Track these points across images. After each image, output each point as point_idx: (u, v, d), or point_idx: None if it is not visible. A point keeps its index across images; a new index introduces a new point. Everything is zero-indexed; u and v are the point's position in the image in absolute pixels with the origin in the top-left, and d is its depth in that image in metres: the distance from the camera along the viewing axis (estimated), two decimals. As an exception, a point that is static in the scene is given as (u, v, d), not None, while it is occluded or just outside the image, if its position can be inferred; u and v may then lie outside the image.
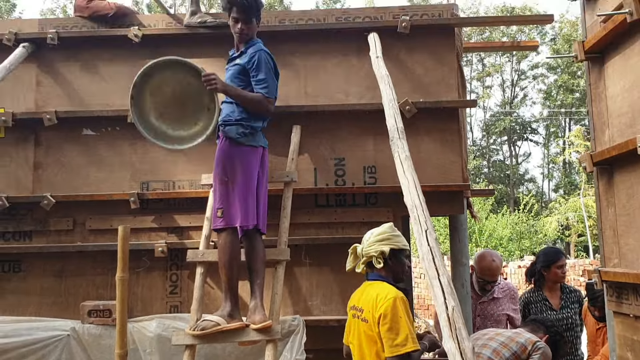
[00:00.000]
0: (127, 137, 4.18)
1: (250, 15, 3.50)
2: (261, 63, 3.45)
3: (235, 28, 3.53)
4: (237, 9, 3.48)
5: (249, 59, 3.47)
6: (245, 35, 3.54)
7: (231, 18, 3.54)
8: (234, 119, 3.45)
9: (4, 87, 4.07)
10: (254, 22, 3.54)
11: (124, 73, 4.24)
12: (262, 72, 3.45)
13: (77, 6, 4.36)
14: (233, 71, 3.54)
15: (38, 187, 4.12)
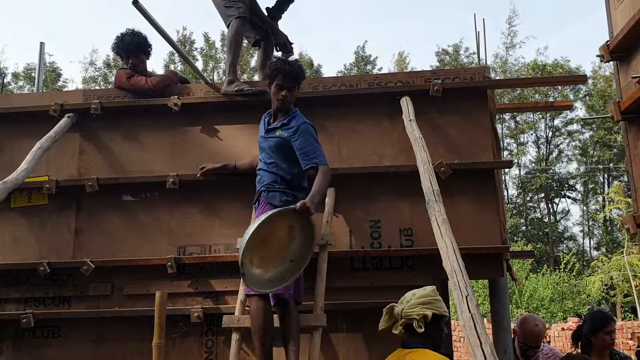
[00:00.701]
0: (165, 202, 4.26)
1: (295, 83, 3.55)
2: (308, 135, 3.48)
3: (279, 95, 3.55)
4: (283, 76, 3.51)
5: (293, 132, 3.48)
6: (288, 102, 3.58)
7: (275, 85, 3.56)
8: (277, 187, 3.47)
9: (49, 155, 4.22)
10: (295, 90, 3.60)
11: (163, 140, 4.38)
12: (312, 143, 3.47)
13: (117, 82, 4.53)
14: (274, 143, 3.54)
15: (79, 252, 4.20)
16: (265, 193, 3.49)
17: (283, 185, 3.46)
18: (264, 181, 3.52)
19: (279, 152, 3.52)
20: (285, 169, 3.49)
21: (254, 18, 4.55)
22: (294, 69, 3.51)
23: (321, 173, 3.39)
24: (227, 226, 4.14)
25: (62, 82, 26.10)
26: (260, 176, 3.57)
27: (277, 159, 3.52)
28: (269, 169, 3.54)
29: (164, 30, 4.05)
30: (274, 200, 3.43)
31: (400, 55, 28.81)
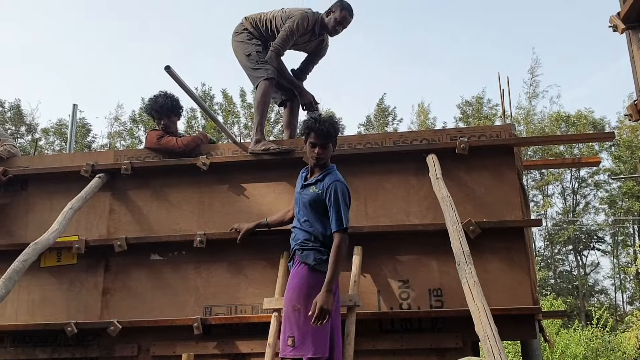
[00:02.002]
0: (192, 261, 4.27)
1: (328, 140, 3.55)
2: (337, 195, 3.45)
3: (312, 153, 3.56)
4: (315, 134, 3.53)
5: (325, 189, 3.48)
6: (322, 159, 3.56)
7: (308, 143, 3.58)
8: (311, 245, 3.44)
9: (79, 215, 4.29)
10: (330, 147, 3.59)
11: (191, 199, 4.43)
12: (338, 204, 3.43)
13: (148, 143, 4.63)
14: (308, 198, 3.54)
15: (106, 312, 4.20)
16: (299, 252, 3.47)
17: (317, 243, 3.44)
18: (298, 239, 3.51)
19: (313, 208, 3.51)
20: (319, 227, 3.47)
21: (280, 79, 4.65)
22: (325, 127, 3.52)
23: (335, 247, 3.35)
24: (253, 285, 4.12)
25: (91, 138, 26.74)
26: (295, 234, 3.56)
27: (311, 216, 3.51)
28: (302, 226, 3.53)
29: (195, 94, 4.16)
30: (308, 260, 3.41)
31: (420, 106, 29.03)
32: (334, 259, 3.32)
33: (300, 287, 3.35)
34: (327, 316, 3.19)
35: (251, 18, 4.76)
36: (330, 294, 3.23)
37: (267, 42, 4.68)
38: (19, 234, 4.48)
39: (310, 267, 3.37)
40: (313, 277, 3.36)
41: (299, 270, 3.41)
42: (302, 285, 3.35)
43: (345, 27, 4.64)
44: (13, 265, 3.51)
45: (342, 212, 3.43)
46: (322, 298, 3.21)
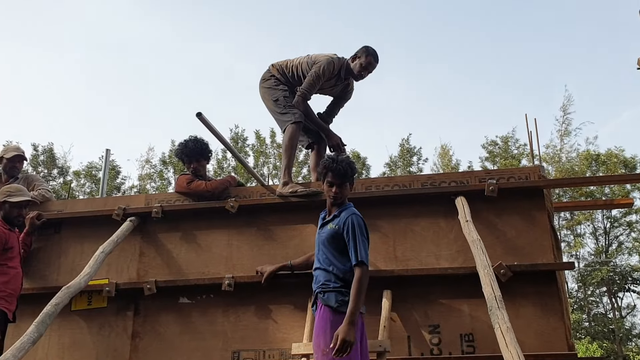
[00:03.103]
0: (220, 305, 4.27)
1: (345, 180, 3.58)
2: (354, 228, 3.45)
3: (330, 192, 3.59)
4: (332, 174, 3.56)
5: (342, 224, 3.49)
6: (339, 199, 3.59)
7: (326, 182, 3.62)
8: (332, 287, 3.42)
9: (110, 258, 4.34)
10: (347, 186, 3.62)
11: (219, 241, 4.46)
12: (356, 238, 3.42)
13: (178, 187, 4.71)
14: (326, 235, 3.55)
15: (134, 356, 4.20)
16: (321, 295, 3.45)
17: (338, 283, 3.41)
18: (320, 281, 3.49)
19: (332, 245, 3.50)
20: (339, 265, 3.45)
21: (307, 123, 4.72)
22: (342, 166, 3.55)
23: (356, 281, 3.32)
24: (281, 330, 4.09)
25: (120, 179, 27.21)
26: (316, 276, 3.55)
27: (330, 254, 3.49)
28: (322, 265, 3.52)
29: (225, 139, 4.25)
30: (330, 302, 3.38)
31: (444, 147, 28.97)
32: (355, 291, 3.29)
33: (326, 331, 3.31)
34: (348, 349, 3.14)
35: (278, 65, 4.88)
36: (352, 326, 3.19)
37: (294, 88, 4.77)
38: (52, 278, 4.55)
39: (333, 309, 3.34)
40: (337, 319, 3.32)
41: (322, 314, 3.39)
42: (327, 328, 3.32)
43: (370, 72, 4.71)
44: (45, 309, 3.56)
45: (360, 244, 3.41)
46: (343, 330, 3.17)
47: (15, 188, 4.40)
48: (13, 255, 4.16)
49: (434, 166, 27.71)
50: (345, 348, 3.13)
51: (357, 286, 3.30)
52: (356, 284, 3.31)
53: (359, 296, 3.28)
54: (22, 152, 5.28)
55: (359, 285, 3.30)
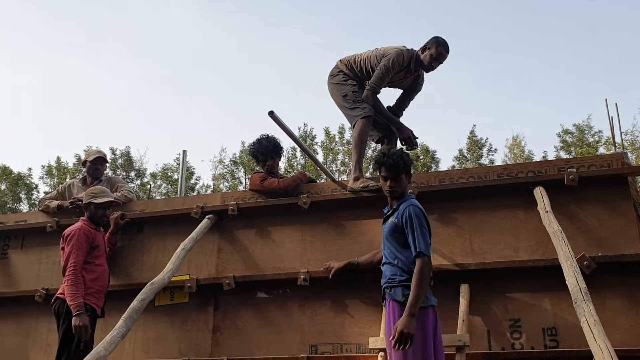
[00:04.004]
0: (297, 299, 4.33)
1: (399, 173, 3.54)
2: (412, 219, 3.42)
3: (385, 186, 3.59)
4: (385, 168, 3.56)
5: (401, 216, 3.47)
6: (395, 192, 3.57)
7: (381, 177, 3.63)
8: (398, 280, 3.41)
9: (190, 255, 4.48)
10: (403, 179, 3.58)
11: (293, 237, 4.52)
12: (414, 228, 3.38)
13: (252, 185, 4.81)
14: (388, 229, 3.55)
15: (216, 350, 4.33)
16: (388, 290, 3.44)
17: (403, 277, 3.39)
18: (386, 276, 3.49)
19: (394, 238, 3.49)
20: (403, 258, 3.43)
21: (377, 117, 4.70)
22: (393, 159, 3.53)
23: (416, 272, 3.27)
24: (358, 324, 4.11)
25: (194, 180, 28.04)
26: (383, 271, 3.54)
27: (394, 248, 3.48)
28: (387, 260, 3.52)
29: (296, 137, 4.30)
30: (396, 297, 3.37)
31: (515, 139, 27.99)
32: (415, 283, 3.25)
33: (395, 323, 3.30)
34: (408, 341, 3.11)
35: (345, 60, 4.88)
36: (412, 318, 3.16)
37: (363, 82, 4.76)
38: (136, 275, 4.75)
39: (400, 303, 3.32)
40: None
41: (390, 309, 3.38)
42: (395, 319, 3.29)
43: (441, 62, 4.63)
44: (132, 304, 3.72)
45: (419, 235, 3.37)
46: (402, 322, 3.15)
47: (99, 190, 4.62)
48: (99, 253, 4.37)
49: (505, 158, 26.90)
50: (404, 340, 3.10)
51: (417, 277, 3.27)
52: (416, 275, 3.28)
53: (420, 288, 3.25)
54: (104, 154, 5.55)
55: (420, 277, 3.27)
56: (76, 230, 4.27)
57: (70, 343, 4.00)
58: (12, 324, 4.97)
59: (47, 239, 5.07)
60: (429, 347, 3.23)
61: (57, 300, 4.21)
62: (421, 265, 3.29)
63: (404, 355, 3.19)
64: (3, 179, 28.67)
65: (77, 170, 25.90)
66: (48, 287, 4.81)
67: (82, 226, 4.33)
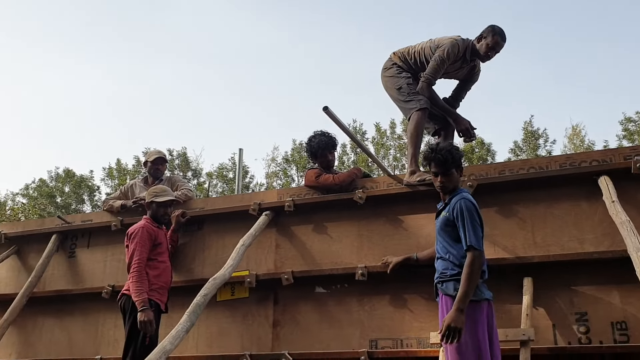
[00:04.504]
0: (355, 294, 4.33)
1: (448, 167, 3.52)
2: (463, 212, 3.38)
3: (437, 182, 3.58)
4: (434, 164, 3.55)
5: (452, 209, 3.44)
6: (447, 187, 3.56)
7: (431, 173, 3.63)
8: (449, 274, 3.37)
9: (249, 251, 4.55)
10: (453, 173, 3.55)
11: (350, 232, 4.51)
12: (465, 222, 3.35)
13: (307, 182, 4.83)
14: (440, 223, 3.53)
15: (276, 344, 4.38)
16: (440, 285, 3.42)
17: (454, 271, 3.35)
18: (438, 271, 3.47)
19: (446, 232, 3.47)
20: (454, 253, 3.40)
21: (433, 109, 4.63)
22: (442, 155, 3.50)
23: (466, 266, 3.23)
24: (418, 319, 4.07)
25: (248, 179, 28.45)
26: (436, 266, 3.52)
27: (446, 242, 3.46)
28: (439, 255, 3.50)
29: (351, 132, 4.29)
30: (448, 291, 3.34)
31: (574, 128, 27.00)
32: (465, 277, 3.22)
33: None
34: (457, 335, 3.08)
35: (399, 52, 4.83)
36: (460, 312, 3.13)
37: (417, 74, 4.70)
38: (197, 271, 4.86)
39: (452, 297, 3.28)
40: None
41: (443, 304, 3.35)
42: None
43: (497, 52, 4.52)
44: (196, 300, 3.80)
45: (470, 229, 3.32)
46: (450, 316, 3.13)
47: (160, 189, 4.75)
48: (162, 250, 4.49)
49: (565, 148, 26.05)
50: (452, 334, 3.09)
51: (467, 271, 3.23)
52: (466, 269, 3.24)
53: (469, 282, 3.21)
54: (164, 154, 5.69)
55: (470, 270, 3.23)
56: (139, 229, 4.40)
57: (136, 338, 4.13)
58: (81, 320, 5.18)
59: (112, 238, 5.25)
60: (483, 342, 3.18)
61: (122, 297, 4.35)
62: (472, 259, 3.25)
63: (458, 351, 3.16)
64: (67, 181, 29.87)
65: (136, 171, 26.70)
66: (114, 284, 4.98)
67: (145, 224, 4.46)
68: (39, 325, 5.32)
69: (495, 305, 3.79)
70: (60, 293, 5.28)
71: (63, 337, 5.19)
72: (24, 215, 21.40)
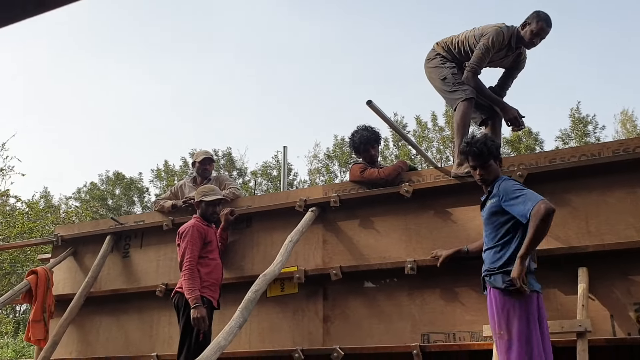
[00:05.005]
0: (405, 288, 4.30)
1: (486, 160, 3.51)
2: (507, 189, 3.35)
3: (476, 175, 3.59)
4: (471, 157, 3.56)
5: (498, 193, 3.40)
6: (487, 179, 3.54)
7: (470, 167, 3.64)
8: (497, 267, 3.31)
9: (297, 247, 4.58)
10: (491, 164, 3.53)
11: (396, 226, 4.49)
12: (516, 195, 3.28)
13: (352, 176, 4.83)
14: (487, 213, 3.49)
15: (327, 339, 4.40)
16: (487, 278, 3.36)
17: (502, 261, 3.30)
18: (486, 264, 3.43)
19: (493, 222, 3.42)
20: (502, 242, 3.34)
21: (479, 98, 4.56)
22: (477, 147, 3.51)
23: (531, 221, 3.16)
24: (470, 312, 4.02)
25: (292, 176, 28.65)
26: (484, 259, 3.47)
27: (493, 232, 3.41)
28: (487, 246, 3.45)
29: (395, 124, 4.26)
30: (497, 284, 3.28)
31: (624, 113, 26.03)
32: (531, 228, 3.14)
33: (498, 314, 3.23)
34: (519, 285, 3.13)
35: (442, 42, 4.77)
36: (521, 267, 3.14)
37: (462, 64, 4.63)
38: (247, 267, 4.93)
39: (501, 290, 3.24)
40: (507, 300, 3.22)
41: (492, 297, 3.30)
42: (499, 311, 3.23)
43: (543, 38, 4.41)
44: (247, 296, 3.86)
45: (522, 197, 3.25)
46: (513, 270, 3.17)
47: (209, 188, 4.83)
48: (212, 248, 4.57)
49: (616, 134, 25.20)
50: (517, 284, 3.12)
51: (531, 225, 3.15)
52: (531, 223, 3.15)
53: (531, 238, 3.15)
54: (211, 154, 5.79)
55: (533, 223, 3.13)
56: (190, 227, 4.49)
57: (190, 334, 4.21)
58: (136, 318, 5.32)
59: (164, 237, 5.37)
60: (534, 334, 3.12)
61: (176, 294, 4.44)
62: (537, 207, 3.15)
63: (509, 342, 3.12)
64: (117, 184, 30.70)
65: (183, 172, 27.24)
66: (167, 282, 5.09)
67: (195, 223, 4.54)
68: (96, 324, 5.50)
69: (549, 296, 3.73)
70: (116, 292, 5.44)
71: (120, 335, 5.35)
72: (77, 217, 22.11)
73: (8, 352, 14.32)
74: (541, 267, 3.66)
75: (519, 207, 3.25)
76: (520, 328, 3.13)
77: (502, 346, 3.17)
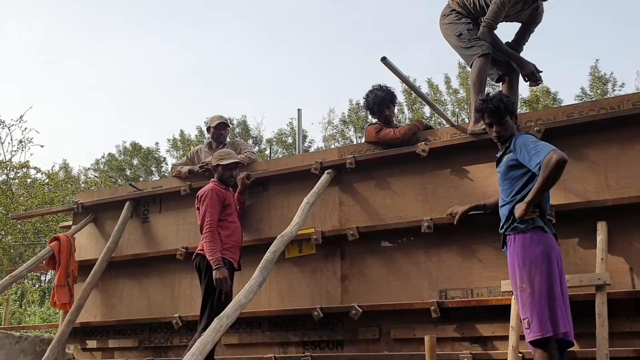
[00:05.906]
0: (421, 246, 4.32)
1: (502, 116, 3.49)
2: (522, 142, 3.35)
3: (492, 133, 3.58)
4: (487, 114, 3.54)
5: (514, 148, 3.40)
6: (503, 136, 3.54)
7: (486, 125, 3.62)
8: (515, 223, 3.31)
9: (313, 209, 4.60)
10: (507, 121, 3.52)
11: (414, 185, 4.49)
12: (529, 148, 3.28)
13: (367, 137, 4.80)
14: (503, 169, 3.48)
15: (346, 297, 4.46)
16: (507, 232, 3.36)
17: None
18: (502, 220, 3.43)
19: (509, 178, 3.42)
20: (519, 197, 3.32)
21: (495, 54, 4.48)
22: (493, 104, 3.50)
23: (541, 170, 3.15)
24: (487, 268, 4.04)
25: (307, 143, 28.61)
26: (501, 215, 3.46)
27: (510, 186, 3.40)
28: (504, 201, 3.44)
29: (411, 82, 4.22)
30: (518, 230, 3.28)
31: (645, 70, 25.41)
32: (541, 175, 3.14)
33: (520, 267, 3.22)
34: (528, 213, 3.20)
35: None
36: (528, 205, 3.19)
37: (477, 19, 4.54)
38: (265, 230, 4.97)
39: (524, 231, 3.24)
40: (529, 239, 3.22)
41: (512, 249, 3.29)
42: (518, 260, 3.23)
43: None
44: (266, 256, 3.91)
45: (536, 149, 3.24)
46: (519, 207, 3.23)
47: (225, 152, 4.84)
48: (231, 211, 4.61)
49: (637, 90, 24.70)
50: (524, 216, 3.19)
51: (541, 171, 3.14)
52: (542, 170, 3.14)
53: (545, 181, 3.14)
54: (225, 119, 5.79)
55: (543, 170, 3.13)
56: (208, 191, 4.53)
57: (212, 295, 4.29)
58: (158, 281, 5.42)
59: (182, 202, 5.43)
60: (556, 286, 3.12)
61: (197, 257, 4.51)
62: (550, 155, 3.14)
63: (532, 296, 3.12)
64: (134, 154, 30.94)
65: (199, 141, 27.33)
66: (187, 246, 5.17)
67: (213, 187, 4.58)
68: (119, 287, 5.62)
69: (569, 251, 3.73)
70: (137, 257, 5.53)
71: (142, 298, 5.46)
72: (97, 188, 22.44)
73: (35, 319, 14.74)
74: (560, 222, 3.65)
75: (533, 159, 3.24)
76: (541, 281, 3.13)
77: (524, 299, 3.17)
